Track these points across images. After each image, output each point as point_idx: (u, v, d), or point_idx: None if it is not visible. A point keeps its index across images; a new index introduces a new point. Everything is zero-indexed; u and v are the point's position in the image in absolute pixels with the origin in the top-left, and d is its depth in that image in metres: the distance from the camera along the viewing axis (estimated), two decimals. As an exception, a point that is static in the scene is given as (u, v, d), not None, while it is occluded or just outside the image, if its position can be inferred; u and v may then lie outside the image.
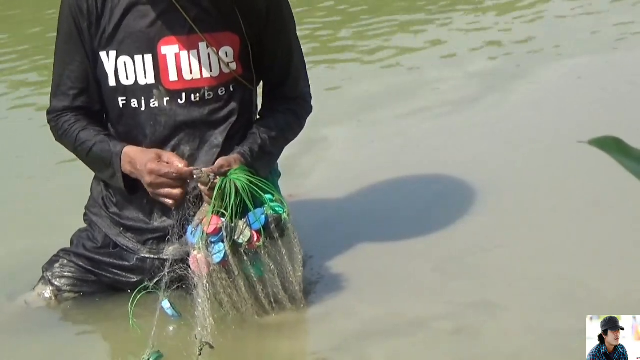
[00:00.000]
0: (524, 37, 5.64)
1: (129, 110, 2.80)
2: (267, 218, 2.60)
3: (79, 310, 2.90)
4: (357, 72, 5.20)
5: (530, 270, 2.94)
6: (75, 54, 2.80)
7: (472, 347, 2.58)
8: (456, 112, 4.45)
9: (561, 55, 5.21)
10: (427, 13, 6.38)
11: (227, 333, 2.65)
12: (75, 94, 2.83)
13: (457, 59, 5.30)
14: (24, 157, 3.77)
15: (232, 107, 2.82)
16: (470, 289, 2.85)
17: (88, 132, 2.81)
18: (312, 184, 3.72)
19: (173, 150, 2.79)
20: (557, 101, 4.52)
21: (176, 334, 2.65)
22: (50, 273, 2.92)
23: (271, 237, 2.61)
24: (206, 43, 2.74)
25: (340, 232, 3.30)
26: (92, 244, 2.93)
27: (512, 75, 4.93)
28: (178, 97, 2.77)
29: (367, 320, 2.74)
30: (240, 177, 2.60)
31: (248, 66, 2.82)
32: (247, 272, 2.63)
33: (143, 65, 2.75)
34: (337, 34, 6.12)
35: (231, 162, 2.65)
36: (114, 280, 2.90)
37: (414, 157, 3.95)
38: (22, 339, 2.78)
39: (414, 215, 3.40)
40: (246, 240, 2.58)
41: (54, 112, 2.87)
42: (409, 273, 3.00)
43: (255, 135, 2.80)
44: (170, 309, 2.62)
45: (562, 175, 3.57)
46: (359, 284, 2.94)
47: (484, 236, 3.18)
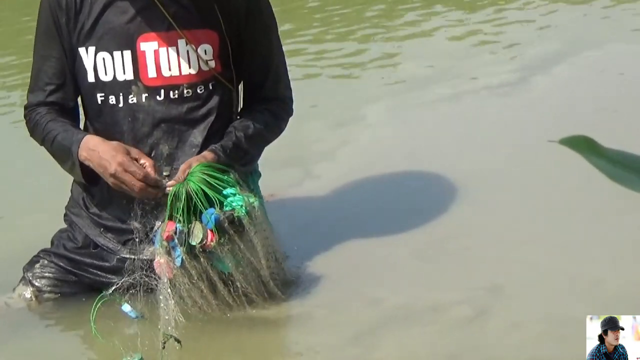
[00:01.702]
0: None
1: (107, 106, 2.79)
2: (217, 217, 2.60)
3: (60, 311, 2.89)
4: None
5: (532, 268, 2.95)
6: (52, 49, 2.80)
7: (463, 340, 2.59)
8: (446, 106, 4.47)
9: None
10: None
11: (193, 329, 2.66)
12: (51, 89, 2.83)
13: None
14: (2, 156, 3.77)
15: (211, 105, 2.81)
16: (458, 287, 2.86)
17: (56, 123, 2.80)
18: (295, 180, 3.72)
19: (151, 150, 2.79)
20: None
21: (149, 334, 2.64)
22: (30, 274, 2.91)
23: (230, 234, 2.61)
24: (185, 40, 2.74)
25: (322, 229, 3.29)
26: (73, 244, 2.92)
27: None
28: (156, 94, 2.77)
29: (352, 314, 2.76)
30: (193, 178, 2.62)
31: (228, 65, 2.82)
32: (216, 268, 2.64)
33: (122, 61, 2.75)
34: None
35: (192, 162, 2.66)
36: (95, 280, 2.89)
37: (403, 152, 3.95)
38: (3, 340, 2.76)
39: (402, 208, 3.41)
40: (199, 242, 2.59)
41: (29, 107, 2.87)
42: (392, 266, 3.02)
43: (230, 134, 2.79)
44: (132, 311, 2.67)
45: (559, 174, 3.57)
46: (341, 278, 2.95)
47: (471, 233, 3.19)
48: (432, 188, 3.58)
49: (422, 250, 3.10)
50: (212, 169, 2.65)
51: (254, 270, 2.69)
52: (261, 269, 2.70)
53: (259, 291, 2.73)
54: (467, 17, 6.00)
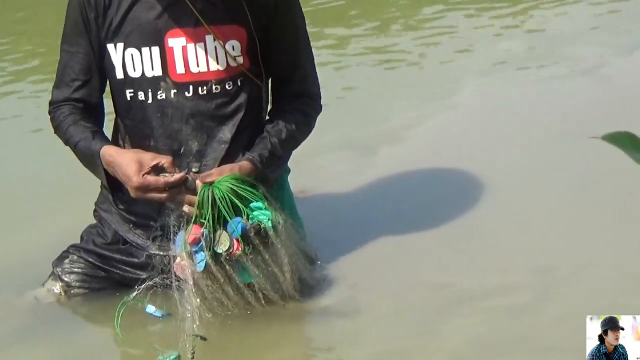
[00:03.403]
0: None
1: (136, 102, 2.80)
2: (244, 227, 2.59)
3: (88, 306, 2.90)
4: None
5: (535, 266, 2.95)
6: (80, 45, 2.81)
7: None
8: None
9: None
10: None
11: (219, 327, 2.68)
12: (77, 85, 2.83)
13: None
14: (34, 152, 3.79)
15: (239, 101, 2.81)
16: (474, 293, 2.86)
17: (76, 127, 2.80)
18: (326, 178, 3.71)
19: (180, 145, 2.80)
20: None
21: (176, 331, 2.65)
22: (59, 269, 2.92)
23: (254, 245, 2.61)
24: (213, 36, 2.74)
25: (351, 227, 3.28)
26: (102, 240, 2.93)
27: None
28: (185, 90, 2.77)
29: (371, 313, 2.77)
30: (222, 186, 2.62)
31: (256, 61, 2.82)
32: (236, 278, 2.64)
33: (150, 58, 2.76)
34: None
35: (223, 171, 2.66)
36: (124, 276, 2.90)
37: (432, 151, 3.93)
38: (32, 335, 2.78)
39: (429, 208, 3.40)
40: (225, 250, 2.59)
41: (54, 104, 2.87)
42: (419, 268, 3.01)
43: (265, 140, 2.79)
44: (157, 310, 2.68)
45: (574, 172, 3.55)
46: (366, 278, 2.95)
47: (486, 232, 3.20)
48: (465, 182, 3.56)
49: (463, 241, 3.12)
50: (240, 182, 2.64)
51: (275, 278, 2.69)
52: (283, 281, 2.69)
53: (281, 293, 2.73)
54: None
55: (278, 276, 2.68)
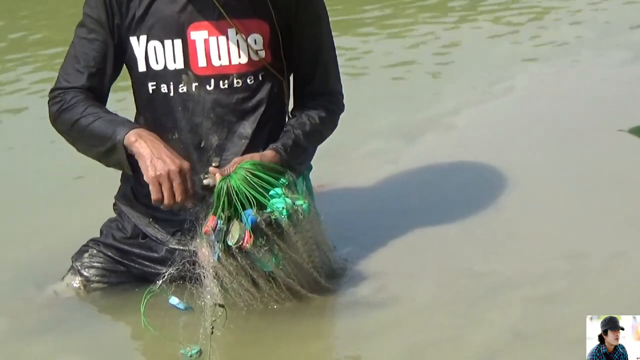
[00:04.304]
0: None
1: (158, 95, 2.79)
2: (254, 219, 2.57)
3: (108, 301, 2.90)
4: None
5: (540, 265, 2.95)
6: (99, 34, 2.79)
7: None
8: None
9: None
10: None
11: (238, 318, 2.67)
12: (91, 72, 2.80)
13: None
14: (52, 146, 3.78)
15: (260, 96, 2.80)
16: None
17: (100, 106, 2.78)
18: (346, 172, 3.71)
19: (201, 140, 2.80)
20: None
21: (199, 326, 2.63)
22: (79, 263, 2.92)
23: (268, 236, 2.59)
24: (235, 29, 2.73)
25: (377, 218, 3.30)
26: (122, 234, 2.92)
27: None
28: (207, 83, 2.77)
29: (404, 304, 2.77)
30: (237, 176, 2.60)
31: (278, 55, 2.81)
32: (257, 267, 2.63)
33: (172, 50, 2.75)
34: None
35: (244, 159, 2.66)
36: (143, 271, 2.89)
37: (452, 147, 3.94)
38: (51, 329, 2.78)
39: (459, 199, 3.42)
40: (234, 243, 2.58)
41: (61, 89, 2.81)
42: (450, 259, 3.01)
43: (289, 132, 2.79)
44: (180, 303, 2.66)
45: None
46: (397, 269, 2.95)
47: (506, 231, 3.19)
48: (502, 172, 3.56)
49: (494, 230, 3.14)
50: (260, 168, 2.63)
51: (297, 267, 2.67)
52: (307, 269, 2.68)
53: (305, 284, 2.71)
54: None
55: (300, 264, 2.66)
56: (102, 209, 3.05)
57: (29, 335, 2.75)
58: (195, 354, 2.50)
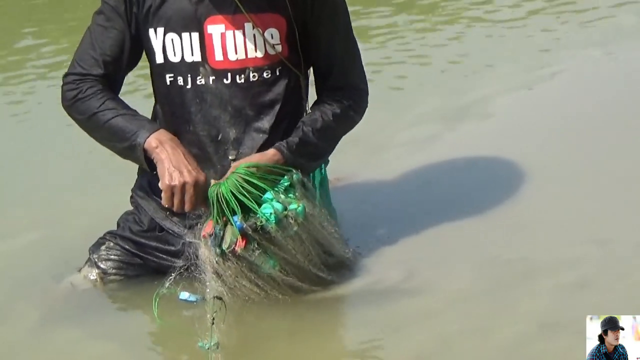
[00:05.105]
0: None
1: (175, 87, 2.80)
2: (240, 226, 2.60)
3: (125, 293, 2.91)
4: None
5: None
6: (116, 22, 2.79)
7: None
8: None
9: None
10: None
11: (253, 314, 2.70)
12: (107, 60, 2.81)
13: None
14: (70, 139, 3.80)
15: (278, 91, 2.80)
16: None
17: (118, 101, 2.80)
18: (360, 166, 3.71)
19: (218, 133, 2.80)
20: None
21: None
22: (96, 255, 2.93)
23: (257, 240, 2.61)
24: (252, 23, 2.73)
25: (389, 213, 3.28)
26: (138, 227, 2.93)
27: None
28: (223, 77, 2.77)
29: (433, 293, 2.78)
30: (229, 182, 2.63)
31: (295, 49, 2.80)
32: (256, 269, 2.65)
33: (190, 43, 2.76)
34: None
35: (240, 162, 2.69)
36: (159, 264, 2.90)
37: (487, 135, 3.96)
38: (68, 321, 2.79)
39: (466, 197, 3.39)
40: (227, 247, 2.61)
41: (76, 75, 2.82)
42: (477, 248, 3.02)
43: (298, 129, 2.79)
44: (191, 295, 2.70)
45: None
46: (424, 259, 2.96)
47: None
48: (497, 178, 3.55)
49: (519, 219, 3.14)
50: (254, 173, 2.65)
51: (295, 266, 2.68)
52: (300, 264, 2.69)
53: (306, 280, 2.72)
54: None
55: (296, 264, 2.67)
56: (118, 202, 3.06)
57: (45, 327, 2.76)
58: (213, 345, 2.52)
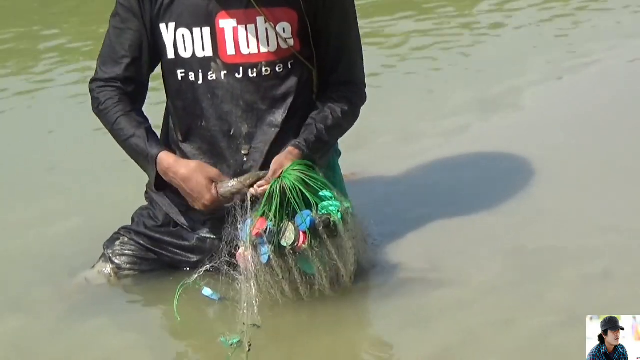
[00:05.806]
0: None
1: (187, 83, 2.80)
2: (312, 220, 2.58)
3: (139, 288, 2.92)
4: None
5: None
6: (132, 22, 2.80)
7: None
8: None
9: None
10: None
11: (275, 314, 2.68)
12: (127, 62, 2.83)
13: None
14: (84, 134, 3.83)
15: (290, 85, 2.80)
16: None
17: (129, 119, 2.81)
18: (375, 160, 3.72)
19: (230, 127, 2.80)
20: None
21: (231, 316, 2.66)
22: (110, 251, 2.94)
23: (322, 238, 2.59)
24: (264, 18, 2.73)
25: (403, 207, 3.29)
26: (153, 222, 2.94)
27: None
28: (235, 72, 2.76)
29: (458, 286, 2.79)
30: (291, 177, 2.60)
31: (307, 43, 2.80)
32: (299, 268, 2.63)
33: (201, 38, 2.75)
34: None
35: (283, 162, 2.66)
36: (174, 259, 2.91)
37: (485, 137, 3.95)
38: (82, 315, 2.79)
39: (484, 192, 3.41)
40: (290, 244, 2.58)
41: (100, 81, 2.86)
42: (496, 241, 3.03)
43: (311, 126, 2.78)
44: (213, 293, 2.70)
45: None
46: (435, 253, 2.96)
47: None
48: (513, 173, 3.55)
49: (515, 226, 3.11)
50: (307, 168, 2.64)
51: (336, 273, 2.68)
52: (344, 274, 2.69)
53: (336, 288, 2.72)
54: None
55: (339, 269, 2.67)
56: (133, 197, 3.07)
57: (60, 322, 2.77)
58: (236, 342, 2.52)
